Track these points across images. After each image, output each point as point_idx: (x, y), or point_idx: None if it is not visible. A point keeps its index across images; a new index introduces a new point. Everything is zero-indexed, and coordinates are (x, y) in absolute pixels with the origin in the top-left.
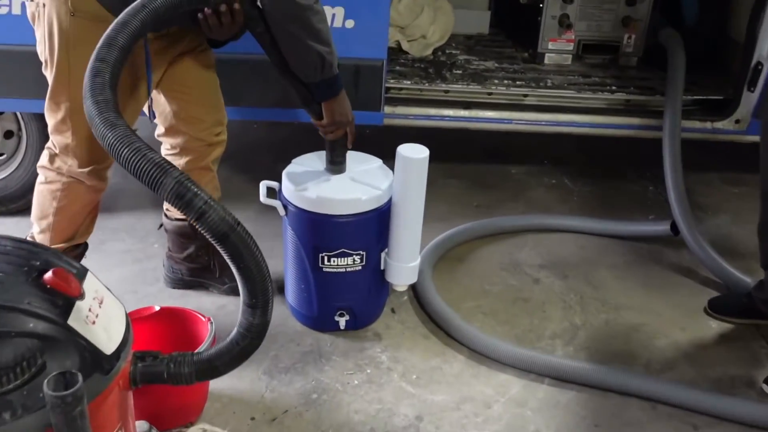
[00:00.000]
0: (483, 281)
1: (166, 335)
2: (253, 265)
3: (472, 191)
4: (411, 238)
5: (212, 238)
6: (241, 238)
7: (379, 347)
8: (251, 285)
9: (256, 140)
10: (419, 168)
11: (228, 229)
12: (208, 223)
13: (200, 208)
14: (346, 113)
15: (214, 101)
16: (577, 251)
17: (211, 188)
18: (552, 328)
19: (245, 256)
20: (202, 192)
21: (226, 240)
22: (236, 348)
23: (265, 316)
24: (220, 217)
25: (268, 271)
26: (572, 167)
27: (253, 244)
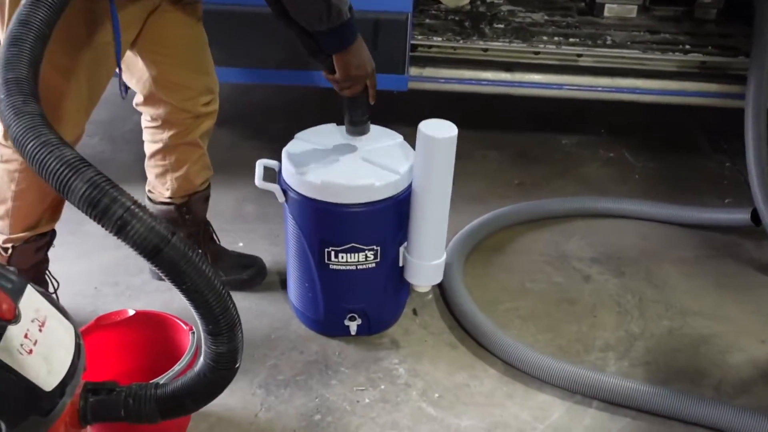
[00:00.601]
0: (523, 278)
1: (140, 346)
2: (201, 283)
3: (513, 166)
4: (435, 231)
5: (141, 254)
6: (178, 251)
7: (396, 357)
8: (205, 309)
9: (266, 99)
10: (445, 150)
11: (159, 242)
12: (132, 237)
13: (120, 217)
14: (363, 65)
15: (202, 64)
16: (637, 242)
17: (200, 167)
18: (604, 338)
19: (188, 273)
20: (123, 197)
21: (158, 255)
22: (204, 381)
23: (233, 341)
24: (147, 227)
25: (224, 286)
26: (634, 138)
27: (196, 256)
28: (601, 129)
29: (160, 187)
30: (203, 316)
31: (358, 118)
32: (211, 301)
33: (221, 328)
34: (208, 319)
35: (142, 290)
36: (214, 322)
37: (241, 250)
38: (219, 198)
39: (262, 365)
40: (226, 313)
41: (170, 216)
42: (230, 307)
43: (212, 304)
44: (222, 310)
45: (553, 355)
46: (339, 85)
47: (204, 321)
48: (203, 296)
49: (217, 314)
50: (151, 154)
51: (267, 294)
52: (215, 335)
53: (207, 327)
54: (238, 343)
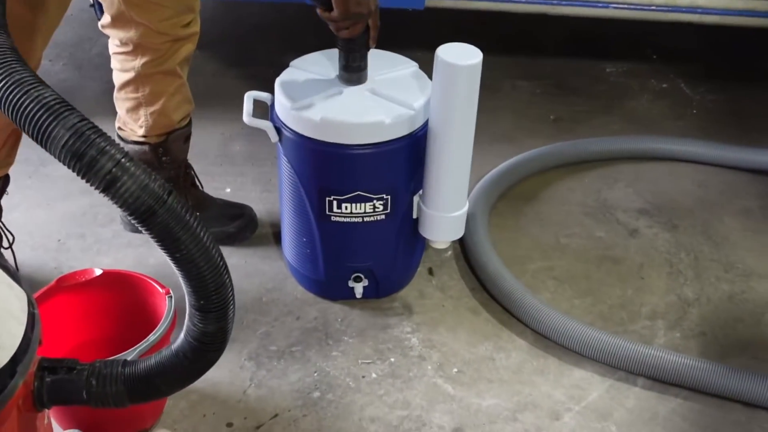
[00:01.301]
0: (558, 232)
1: (108, 312)
2: (197, 253)
3: (548, 98)
4: (455, 177)
5: (132, 215)
6: (174, 214)
7: (409, 325)
8: (198, 282)
9: (257, 18)
10: (468, 79)
11: (154, 202)
12: (121, 195)
13: (109, 172)
14: (365, 0)
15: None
16: (694, 190)
17: (179, 100)
18: (652, 304)
19: (183, 239)
20: (113, 148)
21: (151, 219)
22: (184, 363)
23: (223, 320)
24: (140, 184)
25: (222, 257)
26: (691, 66)
27: (195, 220)
28: (653, 55)
29: (132, 124)
30: (195, 290)
31: (355, 64)
32: (205, 273)
33: (213, 304)
34: (199, 293)
35: (112, 244)
36: (206, 298)
37: (228, 197)
38: (202, 136)
39: (253, 333)
40: (221, 289)
41: (144, 157)
42: (226, 282)
43: (206, 278)
44: (217, 285)
45: (592, 323)
46: (336, 25)
47: (194, 295)
48: (198, 268)
49: (210, 290)
50: (122, 85)
51: (258, 249)
52: (205, 312)
53: (197, 302)
54: (229, 322)
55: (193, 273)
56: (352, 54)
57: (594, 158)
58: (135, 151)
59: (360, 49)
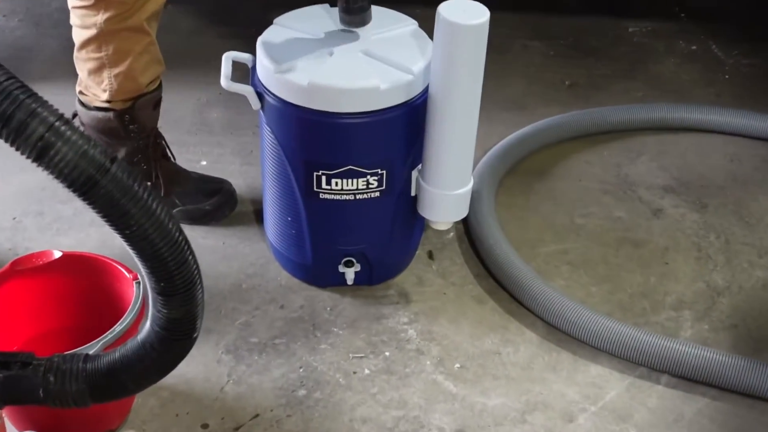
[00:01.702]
0: (573, 211)
1: (69, 299)
2: (150, 228)
3: (563, 61)
4: (459, 150)
5: (70, 187)
6: (120, 183)
7: (406, 315)
8: (155, 261)
9: None
10: (473, 40)
11: (95, 171)
12: (56, 164)
13: (41, 137)
14: None
15: None
16: (725, 165)
17: (147, 61)
18: (678, 292)
19: (133, 213)
20: (45, 110)
21: (93, 190)
22: (152, 355)
23: (190, 303)
24: (78, 150)
25: (181, 231)
26: (725, 25)
27: (145, 190)
28: (681, 13)
29: (94, 88)
30: (152, 270)
31: (357, 4)
32: (162, 251)
33: (176, 286)
34: (158, 274)
35: (73, 223)
36: (167, 279)
37: (205, 170)
38: (174, 102)
39: (231, 324)
40: (183, 268)
41: (109, 126)
42: (188, 259)
43: (164, 256)
44: (177, 263)
45: (610, 314)
46: None
47: (153, 277)
48: (152, 245)
49: (171, 269)
50: (82, 44)
51: (237, 230)
52: (168, 296)
53: (157, 285)
54: (197, 306)
55: (147, 251)
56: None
57: (614, 129)
58: (98, 118)
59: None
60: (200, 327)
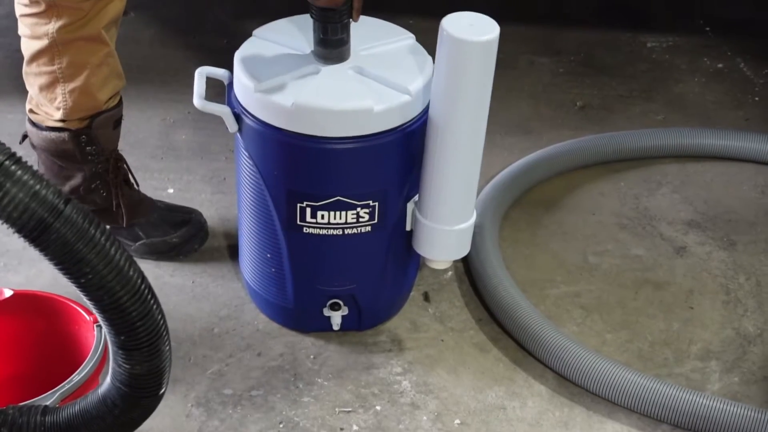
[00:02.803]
0: (586, 248)
1: (22, 343)
2: (109, 275)
3: (574, 79)
4: (461, 180)
5: (20, 233)
6: (75, 226)
7: (399, 364)
8: (115, 312)
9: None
10: (481, 58)
11: (47, 214)
12: (4, 207)
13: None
14: None
15: None
16: (756, 198)
17: (106, 74)
18: (704, 340)
19: (89, 259)
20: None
21: (44, 235)
22: (114, 412)
23: (156, 358)
24: (28, 191)
25: (143, 277)
26: (754, 41)
27: (102, 233)
28: (706, 27)
29: (47, 105)
30: (112, 322)
31: (335, 37)
32: (123, 300)
33: (139, 339)
34: (119, 327)
35: (23, 258)
36: (129, 332)
37: (172, 199)
38: (136, 122)
39: (202, 373)
40: (147, 319)
41: (63, 148)
42: (152, 309)
43: (125, 306)
44: (140, 314)
45: (629, 364)
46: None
47: (113, 329)
48: (111, 294)
49: (133, 320)
50: (33, 56)
51: (209, 266)
52: (130, 350)
53: (117, 338)
54: (163, 360)
55: (106, 301)
56: (331, 25)
57: (631, 156)
58: (52, 140)
59: (340, 19)
60: (167, 382)
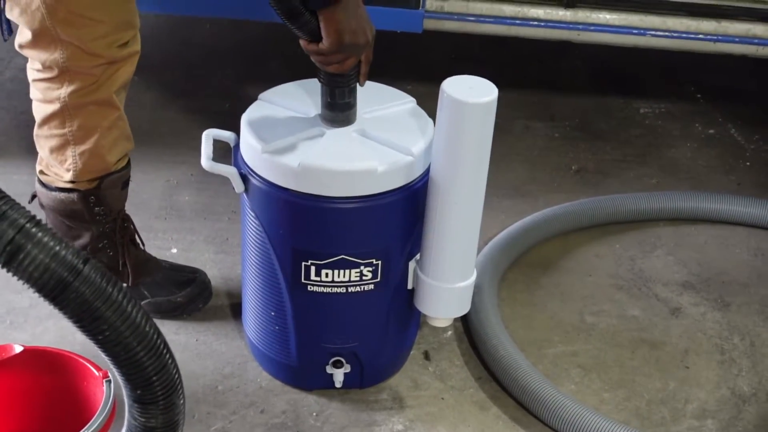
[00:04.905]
0: (582, 308)
1: (31, 399)
2: (126, 332)
3: (569, 144)
4: (462, 240)
5: (40, 293)
6: (93, 285)
7: (401, 422)
8: (132, 368)
9: (211, 40)
10: (480, 120)
11: (67, 273)
12: (26, 268)
13: (10, 240)
14: (362, 29)
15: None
16: (748, 260)
17: (115, 137)
18: (699, 399)
19: (107, 317)
20: (15, 211)
21: (64, 294)
22: None
23: (171, 411)
24: (49, 252)
25: (159, 333)
26: (744, 108)
27: (120, 291)
28: (697, 94)
29: (57, 167)
30: (128, 377)
31: (343, 101)
32: (141, 356)
33: (155, 394)
34: (135, 381)
35: (29, 315)
36: (145, 386)
37: (175, 259)
38: (142, 182)
39: (206, 430)
40: (163, 373)
41: (72, 208)
42: (168, 363)
43: (143, 361)
44: (156, 368)
45: (627, 422)
46: (325, 59)
47: (129, 384)
48: (129, 350)
49: (149, 374)
50: (44, 119)
51: (212, 325)
52: (145, 404)
53: (133, 392)
54: (178, 413)
55: (122, 356)
56: (339, 90)
57: (626, 219)
58: (61, 200)
59: (347, 84)
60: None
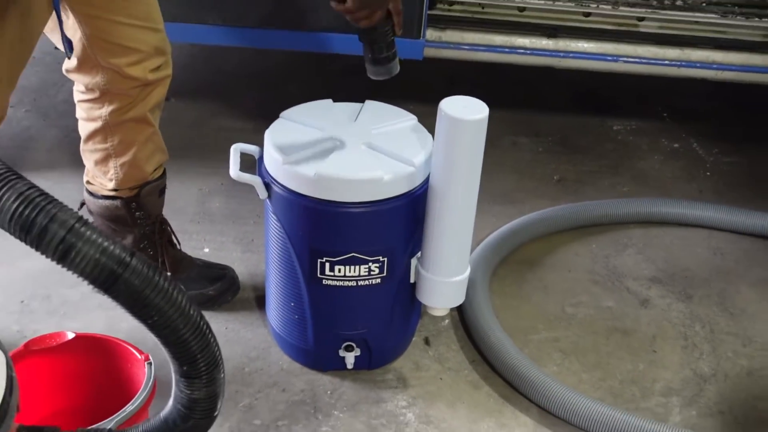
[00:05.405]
0: (563, 300)
1: (80, 378)
2: (174, 315)
3: (551, 157)
4: (458, 239)
5: (93, 284)
6: (141, 275)
7: (404, 399)
8: (179, 347)
9: (239, 68)
10: (473, 135)
11: (116, 266)
12: (78, 264)
13: (62, 239)
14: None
15: (150, 15)
16: (709, 258)
17: (151, 150)
18: (666, 379)
19: (156, 303)
20: (63, 211)
21: (116, 285)
22: (174, 431)
23: (213, 384)
24: (98, 248)
25: (202, 316)
26: (705, 125)
27: (166, 280)
28: (663, 113)
29: (101, 177)
30: (177, 355)
31: (382, 55)
32: (187, 336)
33: (200, 369)
34: (183, 359)
35: (80, 307)
36: (191, 362)
37: (207, 257)
38: (178, 191)
39: (234, 406)
40: (206, 351)
41: (116, 213)
42: (211, 342)
43: (189, 341)
44: (201, 346)
45: (602, 399)
46: (353, 16)
47: (178, 361)
48: (176, 331)
49: (194, 352)
50: (89, 136)
51: (240, 315)
52: (191, 378)
53: (181, 368)
54: (219, 386)
55: (171, 338)
56: (377, 45)
57: (601, 222)
58: (106, 206)
59: (384, 38)
60: (221, 406)
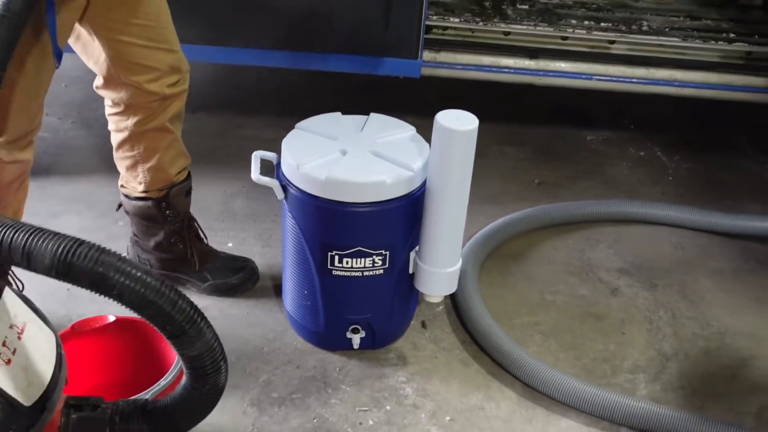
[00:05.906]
0: (543, 289)
1: (121, 356)
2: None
3: (533, 164)
4: (450, 235)
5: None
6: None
7: (404, 375)
8: (148, 310)
9: (258, 85)
10: (465, 144)
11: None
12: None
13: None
14: None
15: (165, 40)
16: (671, 252)
17: (174, 154)
18: (633, 358)
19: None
20: (184, 300)
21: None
22: (194, 394)
23: (200, 337)
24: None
25: (163, 280)
26: (668, 136)
27: (113, 256)
28: (631, 125)
29: (132, 181)
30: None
31: None
32: (150, 297)
33: (180, 325)
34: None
35: None
36: (168, 322)
37: (231, 251)
38: (204, 193)
39: (255, 381)
40: (177, 308)
41: (149, 212)
42: (178, 301)
43: (155, 302)
44: (170, 304)
45: (576, 375)
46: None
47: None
48: (140, 296)
49: (167, 312)
50: (119, 145)
51: (259, 301)
52: (178, 336)
53: (164, 330)
54: (210, 340)
55: (137, 302)
56: None
57: (577, 220)
58: (139, 207)
59: None
60: (225, 360)
